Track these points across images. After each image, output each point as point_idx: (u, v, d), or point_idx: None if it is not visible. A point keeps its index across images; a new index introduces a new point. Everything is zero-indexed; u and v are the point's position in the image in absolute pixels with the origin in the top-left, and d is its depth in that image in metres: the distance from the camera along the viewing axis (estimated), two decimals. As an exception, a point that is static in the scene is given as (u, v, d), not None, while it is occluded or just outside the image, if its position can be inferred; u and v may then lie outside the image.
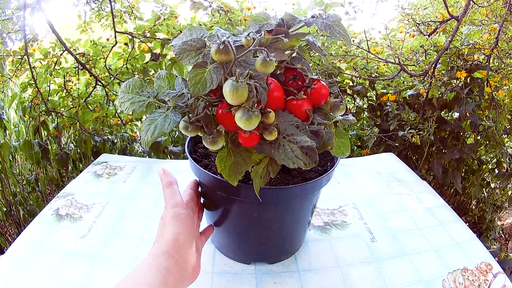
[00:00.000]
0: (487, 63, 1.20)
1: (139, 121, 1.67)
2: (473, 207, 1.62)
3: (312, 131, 0.41)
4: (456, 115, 1.40)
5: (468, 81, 1.22)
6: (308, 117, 0.43)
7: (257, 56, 0.39)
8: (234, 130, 0.41)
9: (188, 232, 0.45)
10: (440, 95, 1.28)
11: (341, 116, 0.52)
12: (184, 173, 0.91)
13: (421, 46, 1.31)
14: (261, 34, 0.43)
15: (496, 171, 1.46)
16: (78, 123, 1.46)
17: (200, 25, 1.39)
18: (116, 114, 1.56)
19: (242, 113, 0.36)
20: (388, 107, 1.36)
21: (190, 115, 0.41)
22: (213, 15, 1.40)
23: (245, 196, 0.50)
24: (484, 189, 1.52)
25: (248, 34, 0.41)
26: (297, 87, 0.45)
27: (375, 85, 1.51)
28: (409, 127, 1.28)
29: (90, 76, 1.45)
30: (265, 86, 0.38)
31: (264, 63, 0.37)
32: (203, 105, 0.40)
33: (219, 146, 0.41)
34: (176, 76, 0.46)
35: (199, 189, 0.56)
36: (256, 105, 0.37)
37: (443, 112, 1.41)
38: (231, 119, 0.38)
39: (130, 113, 0.41)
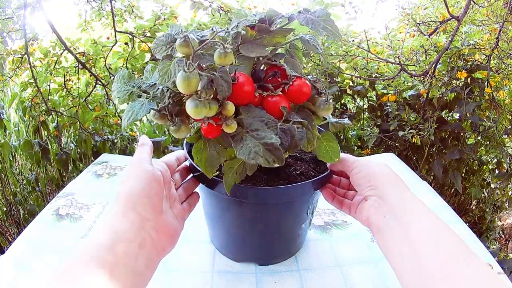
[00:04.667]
0: (487, 64, 1.20)
1: (139, 121, 1.67)
2: (473, 207, 1.62)
3: (282, 129, 0.40)
4: (457, 115, 1.40)
5: (469, 82, 1.22)
6: (282, 114, 0.42)
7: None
8: (197, 121, 0.41)
9: (148, 188, 0.39)
10: (441, 96, 1.28)
11: (336, 119, 0.51)
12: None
13: (421, 46, 1.31)
14: (237, 29, 0.43)
15: (497, 171, 1.46)
16: (78, 122, 1.45)
17: (200, 24, 1.39)
18: (116, 113, 1.56)
19: (189, 102, 0.36)
20: (388, 107, 1.36)
21: (159, 104, 0.42)
22: (213, 15, 1.40)
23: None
24: (484, 189, 1.52)
25: (227, 29, 0.42)
26: (276, 84, 0.44)
27: (375, 85, 1.51)
28: (409, 128, 1.28)
29: (90, 75, 1.45)
30: (228, 78, 0.38)
31: (220, 55, 0.37)
32: (169, 95, 0.41)
33: (182, 135, 0.41)
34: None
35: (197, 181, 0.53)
36: (206, 95, 0.37)
37: (443, 112, 1.41)
38: None
39: (117, 102, 0.42)
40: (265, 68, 0.46)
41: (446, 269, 0.34)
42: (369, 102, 1.57)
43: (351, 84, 1.55)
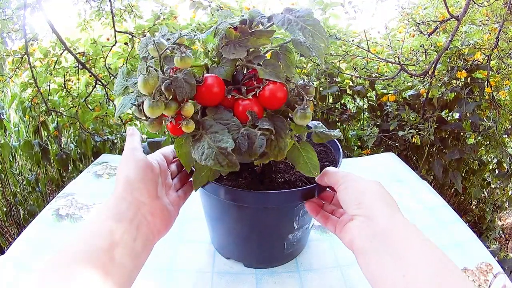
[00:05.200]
0: (487, 63, 1.20)
1: (139, 121, 1.67)
2: (474, 207, 1.62)
3: (243, 134, 0.39)
4: (457, 115, 1.40)
5: (469, 81, 1.22)
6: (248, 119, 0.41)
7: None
8: (165, 116, 0.43)
9: (143, 174, 0.42)
10: (441, 95, 1.28)
11: (324, 128, 0.48)
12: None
13: (421, 46, 1.31)
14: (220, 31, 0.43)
15: (497, 171, 1.46)
16: (78, 122, 1.45)
17: (200, 24, 1.39)
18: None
19: (145, 102, 0.38)
20: (388, 107, 1.36)
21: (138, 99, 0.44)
22: (213, 15, 1.39)
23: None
24: (484, 189, 1.52)
25: (194, 34, 0.44)
26: (249, 88, 0.43)
27: (375, 85, 1.51)
28: (409, 127, 1.28)
29: (90, 75, 1.45)
30: (192, 80, 0.39)
31: (179, 59, 0.39)
32: None
33: (155, 129, 0.43)
34: None
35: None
36: (161, 96, 0.39)
37: (443, 112, 1.41)
38: None
39: (116, 100, 0.44)
40: (248, 71, 0.45)
41: None
42: (369, 102, 1.57)
43: (351, 84, 1.55)
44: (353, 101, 1.66)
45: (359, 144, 1.65)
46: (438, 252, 0.35)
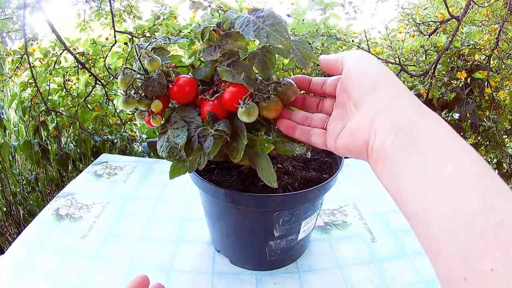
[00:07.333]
0: (487, 64, 1.20)
1: (139, 122, 1.67)
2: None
3: (198, 133, 0.40)
4: (457, 115, 1.40)
5: (469, 82, 1.22)
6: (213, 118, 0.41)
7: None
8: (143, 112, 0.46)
9: None
10: (441, 96, 1.28)
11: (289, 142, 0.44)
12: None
13: (421, 46, 1.31)
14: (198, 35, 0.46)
15: (496, 171, 1.46)
16: (77, 122, 1.45)
17: (199, 25, 1.39)
18: (116, 113, 1.56)
19: (120, 97, 0.43)
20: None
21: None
22: (213, 15, 1.39)
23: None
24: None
25: (168, 38, 0.47)
26: (215, 89, 0.43)
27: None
28: (409, 127, 1.27)
29: (90, 75, 1.45)
30: (163, 81, 0.43)
31: (147, 62, 0.42)
32: None
33: (142, 121, 0.46)
34: None
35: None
36: (134, 93, 0.43)
37: (443, 112, 1.41)
38: None
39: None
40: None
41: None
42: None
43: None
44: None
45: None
46: (474, 153, 0.26)
